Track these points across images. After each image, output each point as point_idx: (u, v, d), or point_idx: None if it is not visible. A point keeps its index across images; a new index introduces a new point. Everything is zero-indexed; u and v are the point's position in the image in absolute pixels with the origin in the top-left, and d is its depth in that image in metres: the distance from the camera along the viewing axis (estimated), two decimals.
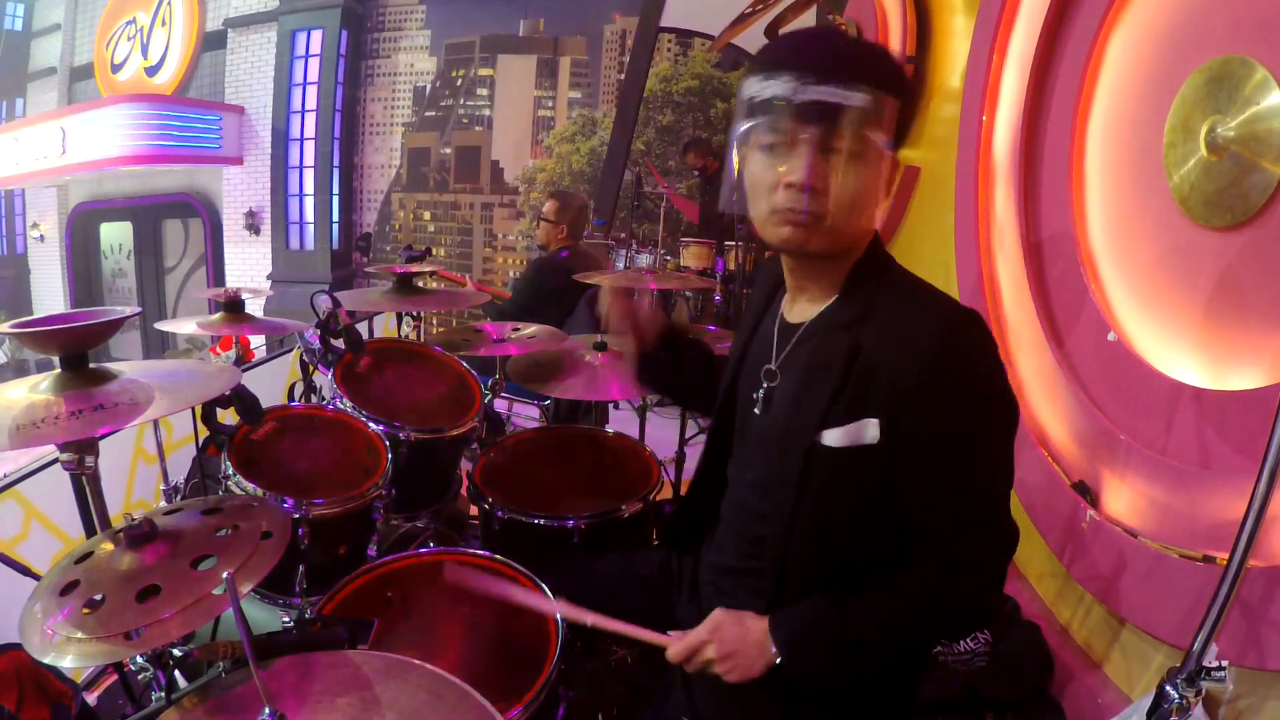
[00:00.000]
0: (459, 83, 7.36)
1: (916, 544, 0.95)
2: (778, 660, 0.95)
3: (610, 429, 1.94)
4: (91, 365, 1.05)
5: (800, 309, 1.03)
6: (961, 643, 1.74)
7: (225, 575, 0.77)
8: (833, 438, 0.93)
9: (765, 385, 1.04)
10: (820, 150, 0.87)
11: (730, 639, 0.97)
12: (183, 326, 1.92)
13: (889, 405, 0.90)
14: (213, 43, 8.05)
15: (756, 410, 1.05)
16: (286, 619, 1.43)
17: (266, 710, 0.75)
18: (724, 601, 1.09)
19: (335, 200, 7.63)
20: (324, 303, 1.70)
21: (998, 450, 0.93)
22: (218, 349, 4.12)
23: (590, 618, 1.05)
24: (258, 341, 4.11)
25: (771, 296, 1.11)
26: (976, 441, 0.91)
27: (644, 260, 4.81)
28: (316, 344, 1.77)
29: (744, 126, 0.92)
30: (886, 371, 0.90)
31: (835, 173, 0.88)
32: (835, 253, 0.96)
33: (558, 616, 1.12)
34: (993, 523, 0.93)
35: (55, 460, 1.84)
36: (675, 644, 1.00)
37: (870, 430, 0.92)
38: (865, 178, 0.89)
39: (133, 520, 0.93)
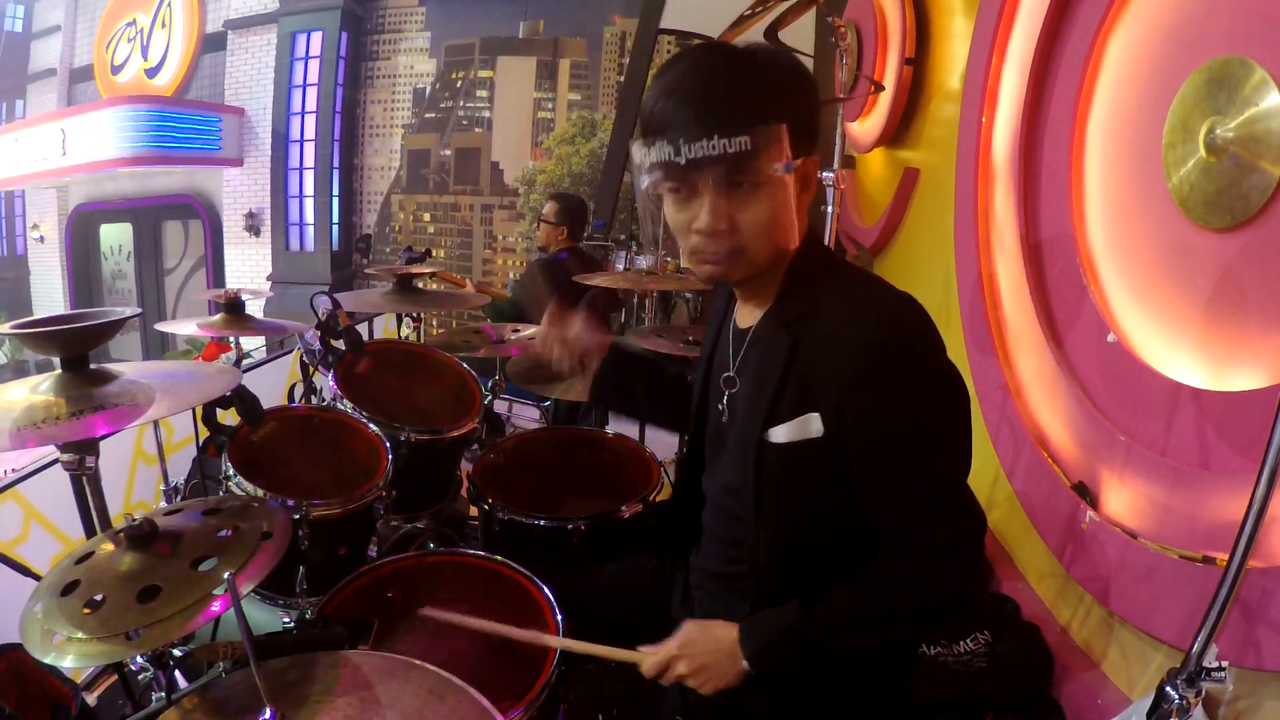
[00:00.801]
0: (459, 84, 7.37)
1: (880, 539, 0.95)
2: (751, 672, 0.96)
3: (610, 430, 1.94)
4: (91, 366, 1.05)
5: (748, 314, 1.05)
6: (961, 643, 1.74)
7: (226, 576, 0.77)
8: (779, 434, 0.94)
9: (726, 392, 1.06)
10: (719, 193, 0.88)
11: (700, 652, 0.98)
12: (182, 328, 1.92)
13: (830, 398, 0.91)
14: (213, 44, 8.07)
15: (724, 419, 1.07)
16: (287, 619, 1.43)
17: (267, 710, 0.75)
18: (714, 605, 1.10)
19: (335, 202, 7.64)
20: (324, 304, 1.71)
21: (947, 433, 0.92)
22: (201, 358, 4.09)
23: (559, 643, 1.07)
24: (249, 345, 4.09)
25: (727, 306, 1.13)
26: (922, 426, 0.90)
27: (644, 262, 4.81)
28: (317, 345, 1.77)
29: (643, 185, 0.92)
30: (825, 365, 0.91)
31: (739, 210, 0.89)
32: (764, 271, 0.96)
33: (545, 641, 1.11)
34: (951, 508, 0.91)
35: (55, 461, 1.84)
36: (647, 660, 1.00)
37: (813, 424, 0.92)
38: (772, 202, 0.90)
39: (133, 521, 0.93)
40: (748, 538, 1.01)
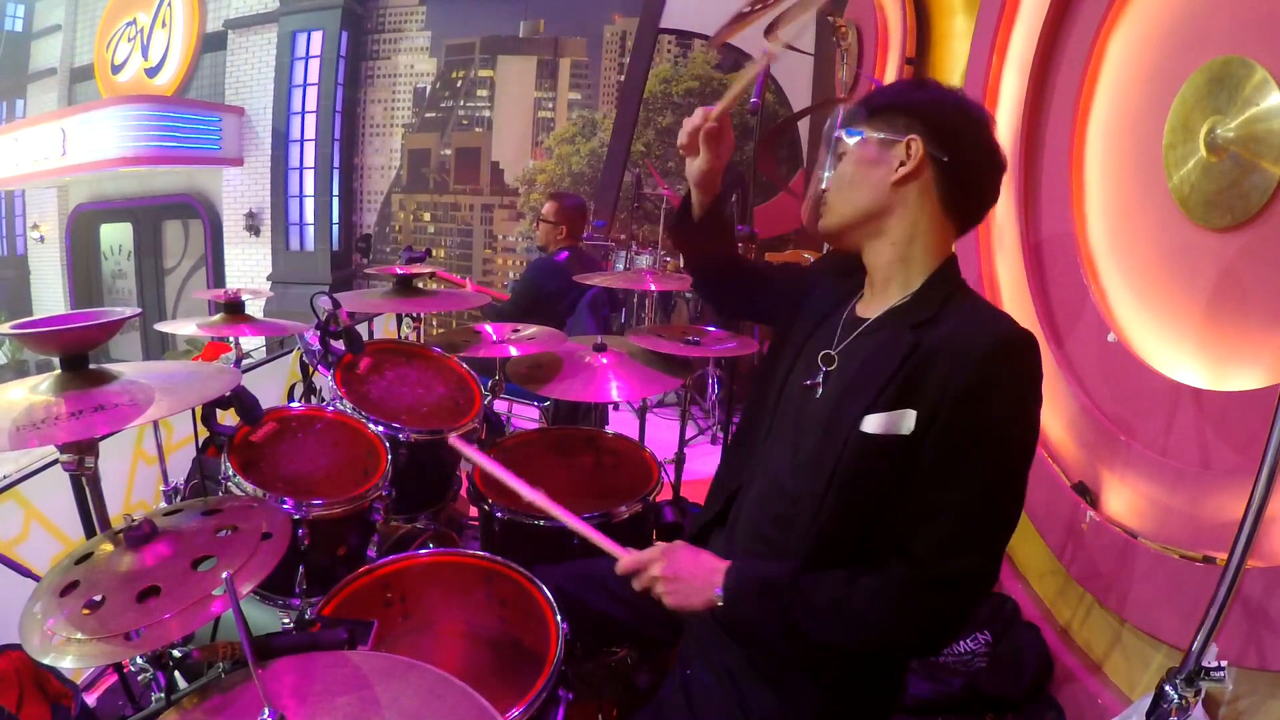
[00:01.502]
0: (459, 84, 7.36)
1: (903, 547, 0.95)
2: (719, 602, 1.01)
3: (610, 430, 1.94)
4: (91, 366, 1.05)
5: (872, 304, 1.09)
6: (961, 643, 1.74)
7: (225, 576, 0.77)
8: (872, 424, 0.96)
9: (823, 369, 1.08)
10: (825, 152, 1.10)
11: (680, 563, 1.06)
12: (183, 328, 1.91)
13: (930, 404, 0.93)
14: (213, 44, 8.05)
15: (815, 394, 1.07)
16: (286, 620, 1.43)
17: (266, 711, 0.75)
18: None
19: (335, 201, 7.63)
20: (324, 304, 1.70)
21: (1015, 475, 0.95)
22: (199, 358, 4.09)
23: (565, 517, 1.19)
24: (249, 345, 4.09)
25: (846, 292, 1.15)
26: (999, 456, 0.93)
27: (644, 261, 4.80)
28: (316, 345, 1.77)
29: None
30: (936, 372, 0.94)
31: (825, 166, 1.09)
32: (844, 227, 1.07)
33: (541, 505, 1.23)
34: (981, 547, 0.94)
35: (55, 461, 1.84)
36: (627, 557, 1.08)
37: (907, 421, 0.94)
38: (844, 166, 1.07)
39: (133, 521, 0.93)
40: (801, 517, 1.02)
